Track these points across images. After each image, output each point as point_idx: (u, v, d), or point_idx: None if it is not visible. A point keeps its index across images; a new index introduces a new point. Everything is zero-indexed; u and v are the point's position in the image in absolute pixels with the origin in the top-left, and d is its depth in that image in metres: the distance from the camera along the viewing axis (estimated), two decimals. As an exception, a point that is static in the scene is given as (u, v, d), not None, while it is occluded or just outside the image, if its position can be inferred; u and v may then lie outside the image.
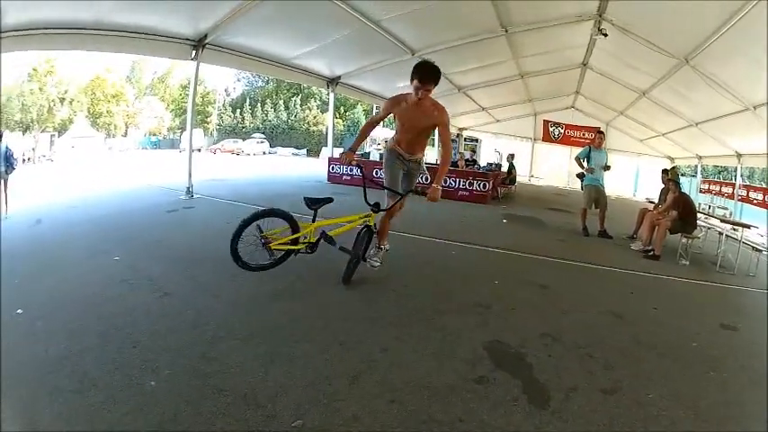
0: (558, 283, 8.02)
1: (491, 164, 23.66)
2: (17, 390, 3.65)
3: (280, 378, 4.15)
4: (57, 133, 49.08)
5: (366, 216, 6.60)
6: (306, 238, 6.46)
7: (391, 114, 6.67)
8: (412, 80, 6.01)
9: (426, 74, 6.03)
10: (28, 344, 4.32)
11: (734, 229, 13.00)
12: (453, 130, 32.27)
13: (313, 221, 6.45)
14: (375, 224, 6.77)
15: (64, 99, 55.93)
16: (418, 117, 6.37)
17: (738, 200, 21.55)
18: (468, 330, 5.58)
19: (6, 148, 11.84)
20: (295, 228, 6.34)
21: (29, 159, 33.79)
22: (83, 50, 12.08)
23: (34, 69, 51.35)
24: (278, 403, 3.77)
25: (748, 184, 26.94)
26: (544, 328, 5.85)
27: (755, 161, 20.21)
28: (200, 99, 69.40)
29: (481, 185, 18.06)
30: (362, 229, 6.75)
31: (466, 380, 4.40)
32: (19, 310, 4.92)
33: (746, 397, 4.82)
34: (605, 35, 13.80)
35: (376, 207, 6.56)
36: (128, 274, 6.45)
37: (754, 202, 20.50)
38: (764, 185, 34.29)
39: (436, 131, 7.03)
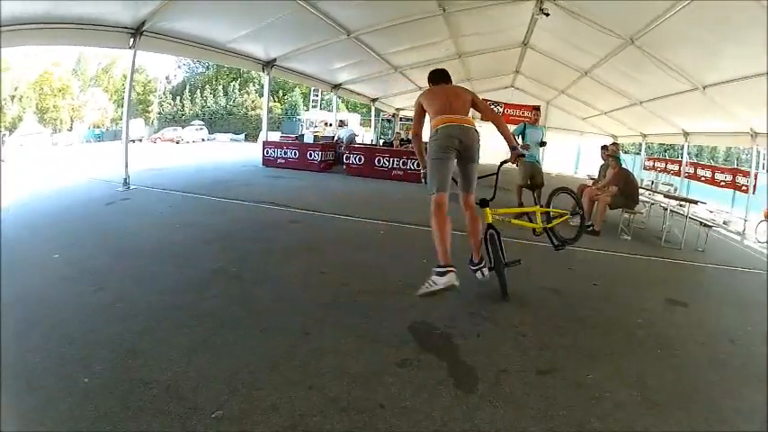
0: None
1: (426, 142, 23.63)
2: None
3: (202, 368, 4.04)
4: (8, 132, 48.12)
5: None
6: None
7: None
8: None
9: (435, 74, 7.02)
10: None
11: (680, 206, 13.08)
12: (390, 110, 32.77)
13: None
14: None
15: (14, 96, 54.89)
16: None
17: (685, 177, 21.87)
18: (393, 312, 5.50)
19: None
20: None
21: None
22: (34, 45, 11.86)
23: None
24: (199, 394, 3.68)
25: (695, 161, 27.44)
26: (474, 307, 5.78)
27: (703, 139, 20.55)
28: (142, 88, 68.80)
29: (416, 164, 17.81)
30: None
31: (389, 363, 4.28)
32: None
33: (704, 376, 4.72)
34: (547, 14, 13.75)
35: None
36: (65, 271, 6.33)
37: (702, 179, 20.85)
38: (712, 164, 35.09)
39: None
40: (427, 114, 6.30)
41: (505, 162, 7.37)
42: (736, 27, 9.94)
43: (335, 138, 23.90)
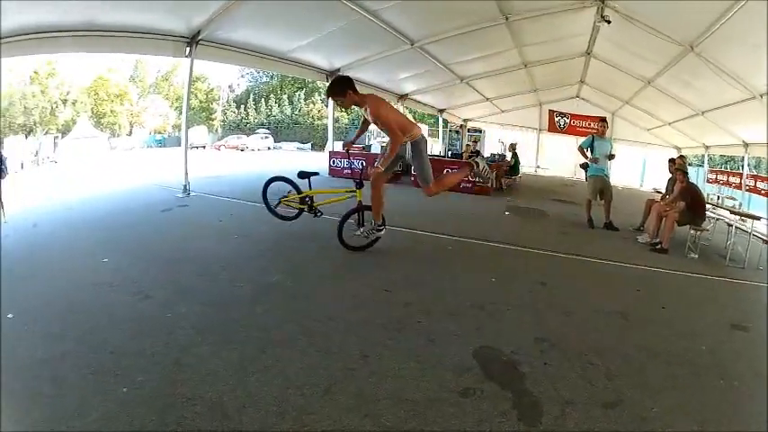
0: (560, 281, 7.71)
1: (494, 155, 23.65)
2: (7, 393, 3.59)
3: (250, 387, 3.94)
4: (60, 135, 49.21)
5: (350, 191, 8.29)
6: (308, 200, 8.48)
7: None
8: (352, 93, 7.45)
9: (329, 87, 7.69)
10: (14, 348, 4.23)
11: (742, 221, 12.63)
12: (458, 121, 32.68)
13: (309, 188, 8.53)
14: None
15: (66, 100, 56.09)
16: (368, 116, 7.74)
17: (746, 190, 21.25)
18: (457, 335, 5.26)
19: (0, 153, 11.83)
20: (298, 191, 8.55)
21: (30, 163, 33.71)
22: (78, 52, 12.03)
23: (35, 72, 51.52)
24: (245, 415, 3.58)
25: (755, 173, 26.69)
26: (542, 331, 5.52)
27: (762, 150, 19.90)
28: (204, 96, 69.90)
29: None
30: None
31: (450, 392, 4.08)
32: (9, 315, 4.88)
33: (756, 408, 4.45)
34: (608, 22, 13.37)
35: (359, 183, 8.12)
36: (112, 277, 6.33)
37: (763, 192, 20.22)
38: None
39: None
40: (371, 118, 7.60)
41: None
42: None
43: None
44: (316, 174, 8.71)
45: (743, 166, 21.99)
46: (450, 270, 7.96)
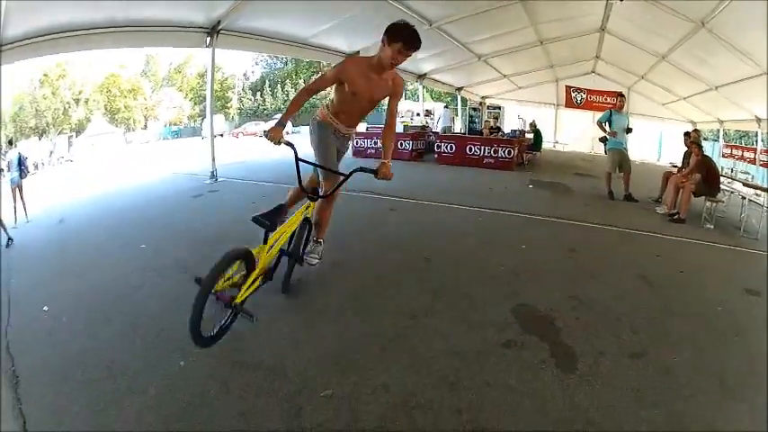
0: (586, 247, 8.06)
1: (515, 130, 23.83)
2: (38, 387, 3.73)
3: (308, 352, 4.23)
4: (74, 134, 49.37)
5: (306, 208, 5.39)
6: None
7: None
8: (389, 43, 5.05)
9: (413, 38, 5.06)
10: (53, 341, 4.39)
11: (756, 194, 12.82)
12: (477, 99, 32.50)
13: (265, 242, 4.83)
14: (313, 214, 5.55)
15: (79, 100, 56.25)
16: (377, 86, 5.36)
17: (760, 165, 21.34)
18: (496, 296, 5.63)
19: (19, 155, 12.18)
20: (251, 263, 4.63)
21: (43, 164, 33.91)
22: (99, 49, 12.07)
23: (45, 75, 51.67)
24: (307, 376, 3.85)
25: (768, 148, 26.72)
26: (573, 291, 5.87)
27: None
28: (219, 85, 69.51)
29: (506, 152, 18.18)
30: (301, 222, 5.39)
31: (494, 345, 4.47)
32: (45, 308, 5.01)
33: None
34: (621, 0, 13.62)
35: (314, 193, 5.46)
36: (154, 262, 6.54)
37: (776, 166, 20.34)
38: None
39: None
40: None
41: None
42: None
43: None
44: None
45: (756, 141, 22.08)
46: (482, 239, 8.33)
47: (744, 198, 11.89)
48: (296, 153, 5.08)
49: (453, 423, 3.41)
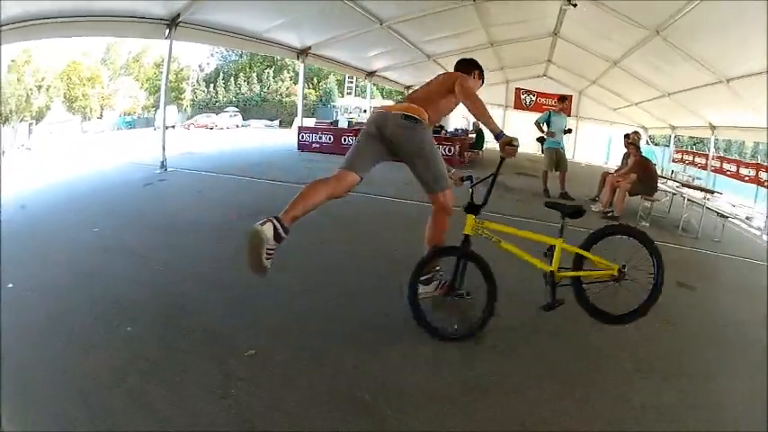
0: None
1: (458, 129, 24.35)
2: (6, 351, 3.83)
3: (242, 319, 4.57)
4: (35, 121, 48.68)
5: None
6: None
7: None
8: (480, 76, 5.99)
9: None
10: (18, 313, 4.52)
11: (706, 198, 13.22)
12: None
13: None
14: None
15: (41, 86, 55.50)
16: None
17: (711, 170, 21.87)
18: (387, 273, 6.03)
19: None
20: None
21: (3, 152, 33.32)
22: (65, 37, 12.05)
23: (12, 61, 50.90)
24: (238, 338, 4.19)
25: (723, 155, 27.27)
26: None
27: (729, 133, 20.58)
28: (174, 76, 68.83)
29: (446, 150, 18.52)
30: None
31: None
32: (10, 285, 5.12)
33: (702, 353, 5.03)
34: (574, 5, 13.91)
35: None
36: (109, 244, 6.74)
37: (728, 173, 20.86)
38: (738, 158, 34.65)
39: None
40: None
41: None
42: (754, 18, 9.97)
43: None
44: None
45: (709, 147, 22.63)
46: (392, 226, 8.83)
47: (683, 198, 12.44)
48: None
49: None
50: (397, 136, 4.79)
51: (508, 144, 4.48)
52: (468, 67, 5.93)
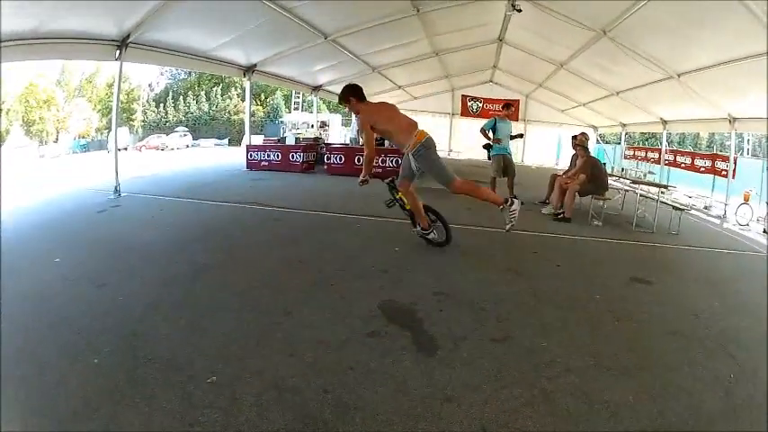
0: (458, 248, 8.36)
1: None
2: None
3: (198, 344, 4.58)
4: (-6, 146, 47.91)
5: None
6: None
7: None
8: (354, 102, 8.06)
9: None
10: None
11: (661, 192, 13.44)
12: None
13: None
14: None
15: (0, 110, 54.75)
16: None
17: (665, 164, 22.27)
18: (364, 293, 6.00)
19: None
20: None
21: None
22: (18, 61, 11.90)
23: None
24: (196, 365, 4.20)
25: (676, 149, 27.75)
26: (439, 286, 6.27)
27: (682, 127, 21.14)
28: (125, 96, 68.31)
29: (394, 162, 18.44)
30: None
31: (359, 334, 4.84)
32: None
33: (660, 346, 5.09)
34: (519, 11, 13.95)
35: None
36: (67, 272, 6.73)
37: (682, 165, 21.26)
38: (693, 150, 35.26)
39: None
40: (379, 127, 7.99)
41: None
42: (703, 14, 10.36)
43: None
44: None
45: (661, 142, 23.06)
46: (357, 242, 8.74)
47: (636, 194, 12.70)
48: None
49: (318, 401, 3.75)
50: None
51: None
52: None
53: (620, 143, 29.38)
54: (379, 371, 4.20)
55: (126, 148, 50.80)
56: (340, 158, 19.97)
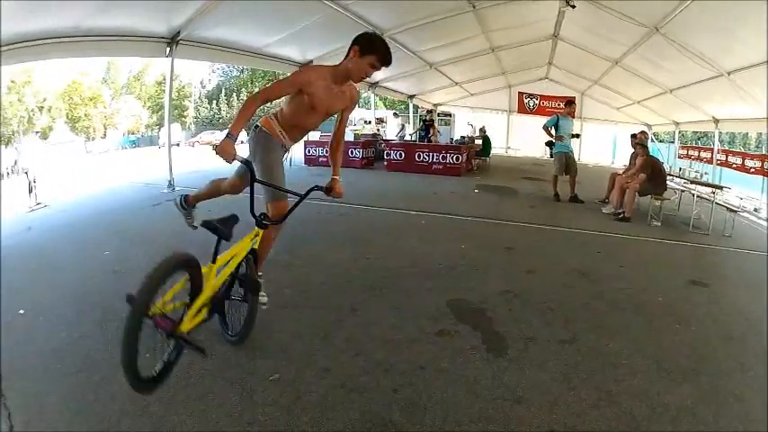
0: (525, 246, 8.35)
1: (464, 137, 24.26)
2: (22, 383, 3.83)
3: (259, 341, 4.50)
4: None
5: (255, 236, 4.65)
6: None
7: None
8: (363, 54, 4.46)
9: (388, 52, 4.55)
10: (31, 339, 4.52)
11: (713, 193, 13.15)
12: (428, 106, 32.18)
13: (214, 261, 4.18)
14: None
15: (42, 107, 55.49)
16: (337, 99, 4.81)
17: (717, 164, 21.82)
18: (432, 291, 5.91)
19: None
20: (197, 280, 3.94)
21: (8, 173, 33.18)
22: (66, 57, 11.98)
23: (12, 81, 50.78)
24: (257, 362, 4.13)
25: (727, 148, 27.19)
26: (506, 285, 6.15)
27: (732, 126, 20.56)
28: (176, 93, 68.73)
29: (454, 158, 18.60)
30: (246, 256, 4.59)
31: (428, 333, 4.74)
32: (21, 311, 5.10)
33: (715, 350, 4.96)
34: (573, 7, 13.80)
35: (264, 218, 4.71)
36: (119, 266, 6.73)
37: (734, 166, 20.77)
38: (743, 150, 34.50)
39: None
40: None
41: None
42: (752, 11, 10.06)
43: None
44: (235, 220, 4.63)
45: (714, 141, 22.59)
46: (423, 239, 8.64)
47: (693, 194, 12.33)
48: (253, 173, 4.54)
49: (386, 401, 3.65)
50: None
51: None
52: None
53: (673, 142, 28.91)
54: (450, 371, 4.10)
55: (178, 144, 51.23)
56: (399, 155, 19.98)
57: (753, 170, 19.00)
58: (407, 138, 25.80)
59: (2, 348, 4.20)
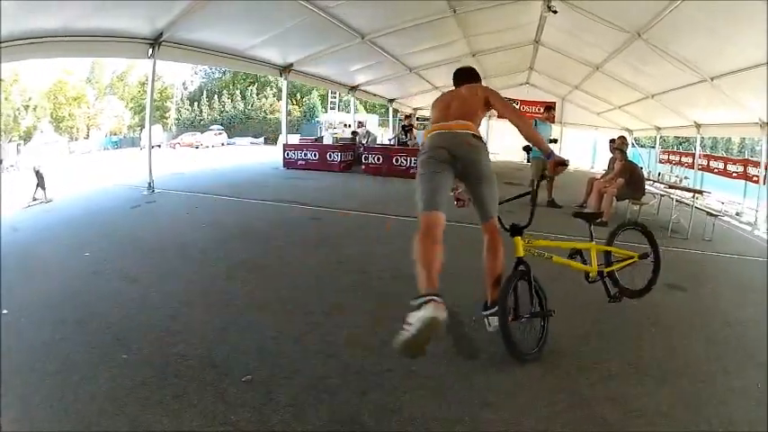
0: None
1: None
2: (11, 382, 3.83)
3: (233, 343, 4.54)
4: (22, 142, 48.32)
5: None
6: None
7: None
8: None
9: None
10: (14, 339, 4.51)
11: (693, 197, 13.25)
12: (407, 110, 32.50)
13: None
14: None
15: (28, 106, 55.23)
16: None
17: (699, 169, 21.97)
18: (405, 294, 5.74)
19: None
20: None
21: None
22: (51, 57, 12.03)
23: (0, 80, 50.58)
24: (231, 363, 4.15)
25: (709, 153, 27.39)
26: (481, 291, 6.09)
27: (715, 131, 20.93)
28: (158, 95, 68.52)
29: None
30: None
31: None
32: (4, 311, 5.11)
33: (697, 354, 4.99)
34: (555, 12, 13.90)
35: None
36: (99, 267, 6.74)
37: (715, 170, 20.94)
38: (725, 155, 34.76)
39: None
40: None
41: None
42: (738, 16, 10.15)
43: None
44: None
45: (695, 146, 22.71)
46: (398, 242, 8.45)
47: (672, 199, 12.49)
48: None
49: (356, 403, 3.70)
50: (470, 157, 4.65)
51: (560, 164, 4.67)
52: (478, 78, 5.67)
53: (654, 147, 29.09)
54: (419, 374, 4.14)
55: (159, 146, 51.10)
56: (378, 158, 20.08)
57: (735, 174, 19.16)
58: (387, 141, 25.91)
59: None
